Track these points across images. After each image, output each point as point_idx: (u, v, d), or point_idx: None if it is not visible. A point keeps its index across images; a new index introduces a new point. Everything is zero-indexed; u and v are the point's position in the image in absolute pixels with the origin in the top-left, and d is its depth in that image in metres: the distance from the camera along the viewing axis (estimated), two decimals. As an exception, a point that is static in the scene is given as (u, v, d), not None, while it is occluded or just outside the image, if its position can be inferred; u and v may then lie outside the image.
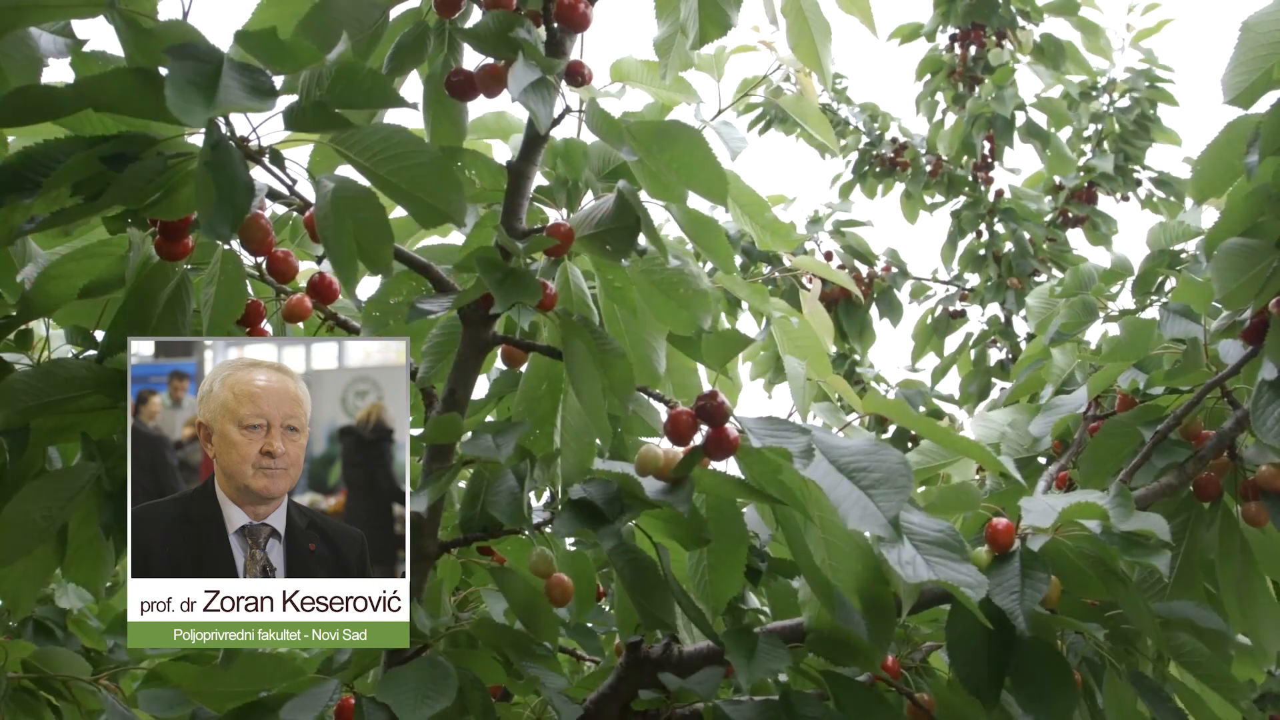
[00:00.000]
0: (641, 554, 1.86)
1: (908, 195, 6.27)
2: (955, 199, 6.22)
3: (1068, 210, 6.01)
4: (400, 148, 1.57)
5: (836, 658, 1.88)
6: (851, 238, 4.84)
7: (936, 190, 6.29)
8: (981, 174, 6.18)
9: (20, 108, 1.43)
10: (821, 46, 2.12)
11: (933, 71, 6.36)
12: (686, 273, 1.92)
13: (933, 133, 6.33)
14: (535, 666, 1.95)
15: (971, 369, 5.44)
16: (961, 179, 6.20)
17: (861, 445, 1.72)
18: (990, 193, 6.15)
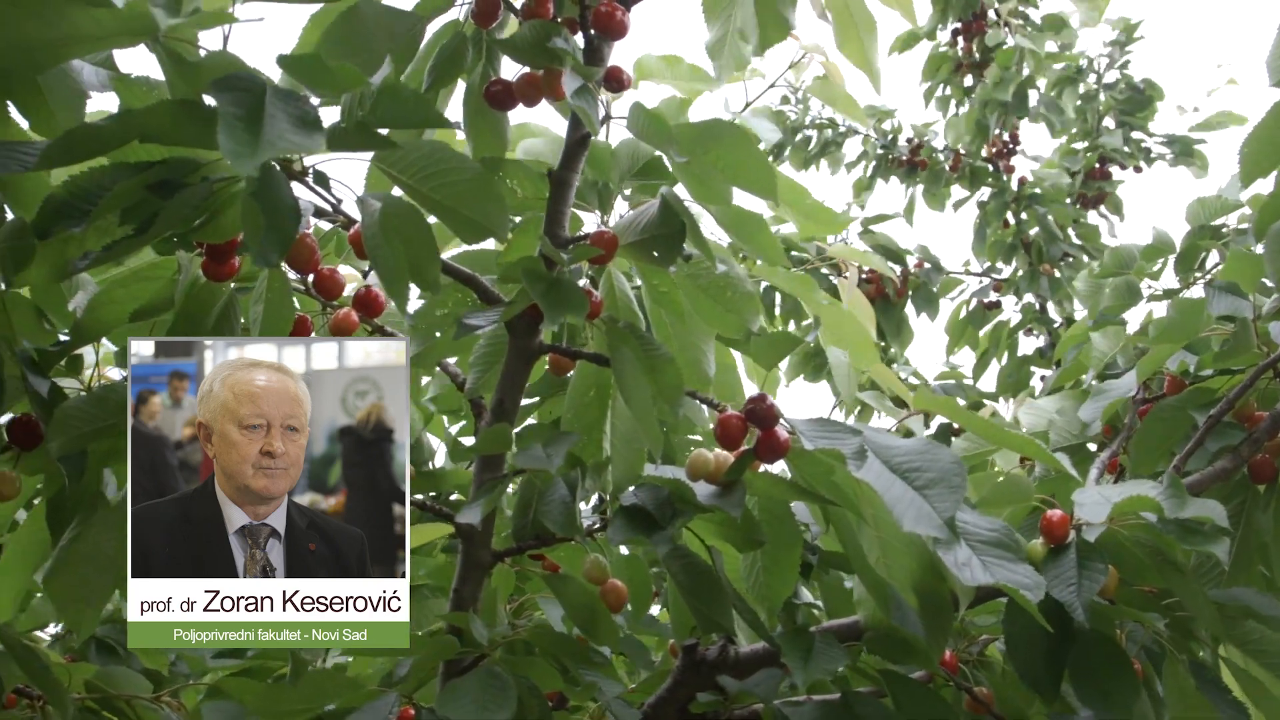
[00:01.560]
0: (695, 557, 1.86)
1: (930, 193, 6.25)
2: (979, 191, 6.20)
3: (1084, 192, 5.98)
4: (442, 164, 1.57)
5: (893, 656, 1.87)
6: (881, 237, 4.81)
7: (959, 184, 6.27)
8: (1003, 163, 6.15)
9: (68, 149, 1.43)
10: (868, 42, 2.11)
11: (937, 68, 6.34)
12: (732, 276, 1.92)
13: (948, 126, 6.31)
14: (593, 673, 1.95)
15: (1009, 359, 5.41)
16: (983, 170, 6.17)
17: (914, 445, 1.71)
18: (1013, 181, 6.12)
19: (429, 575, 2.28)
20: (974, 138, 6.01)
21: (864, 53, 2.12)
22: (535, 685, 1.87)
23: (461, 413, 2.76)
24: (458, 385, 2.11)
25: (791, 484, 1.79)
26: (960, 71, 6.32)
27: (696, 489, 1.77)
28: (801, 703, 1.86)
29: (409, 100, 1.49)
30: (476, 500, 1.85)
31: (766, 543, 1.86)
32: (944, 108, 6.39)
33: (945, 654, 1.97)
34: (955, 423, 2.37)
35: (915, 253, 5.25)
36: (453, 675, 1.88)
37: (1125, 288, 2.67)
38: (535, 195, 1.97)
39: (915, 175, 6.31)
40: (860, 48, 2.12)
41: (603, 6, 1.82)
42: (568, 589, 1.96)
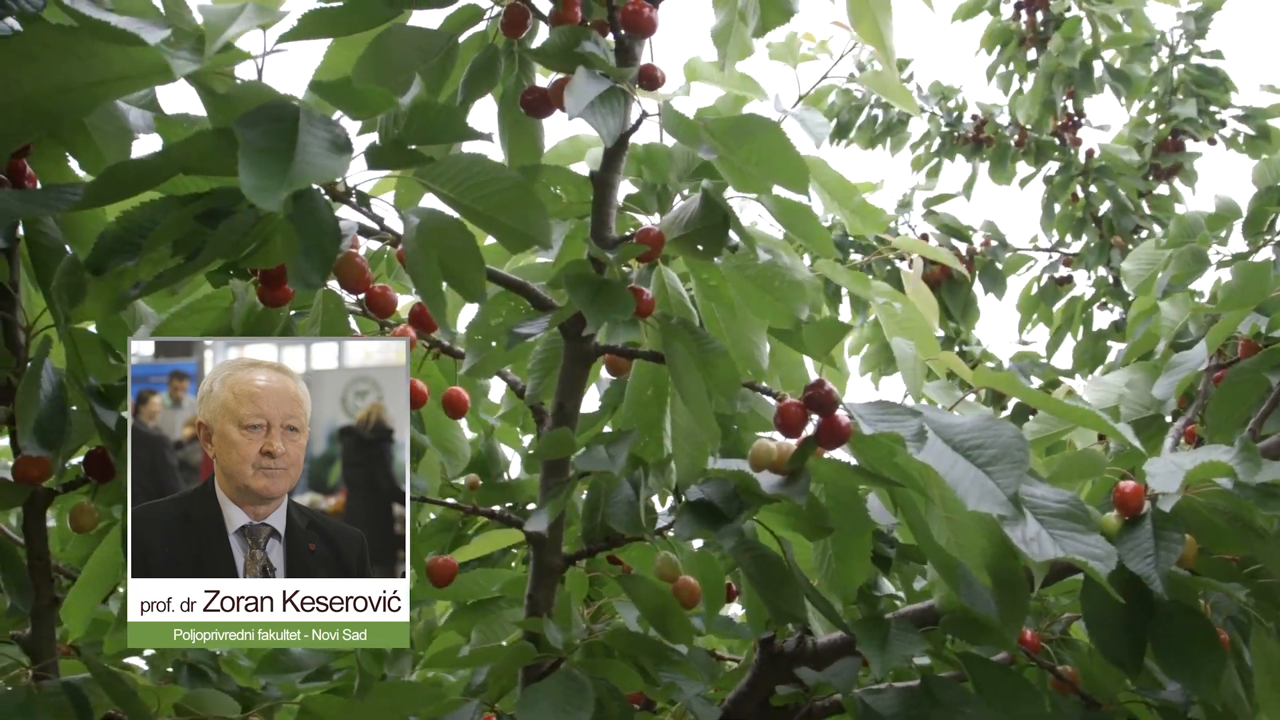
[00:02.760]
0: (765, 549, 1.85)
1: (996, 169, 6.16)
2: (1045, 165, 6.10)
3: (1158, 164, 5.85)
4: (481, 175, 1.58)
5: (971, 638, 1.85)
6: (945, 217, 4.75)
7: (1024, 160, 6.18)
8: (1069, 135, 6.05)
9: (113, 185, 1.46)
10: (883, 21, 2.09)
11: (1001, 43, 6.24)
12: (780, 265, 1.91)
13: (1013, 102, 6.22)
14: (671, 672, 1.95)
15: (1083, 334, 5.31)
16: (1049, 145, 6.08)
17: (975, 422, 1.69)
18: (1080, 154, 6.02)
19: (503, 588, 2.29)
20: (1041, 115, 5.92)
21: (879, 32, 2.10)
22: (615, 687, 1.87)
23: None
24: (518, 393, 2.12)
25: (856, 469, 1.78)
26: (1024, 45, 6.22)
27: (761, 479, 1.77)
28: (882, 690, 1.84)
29: (440, 116, 1.50)
30: (542, 507, 1.86)
31: (835, 529, 1.85)
32: (1006, 84, 6.30)
33: (1026, 634, 1.95)
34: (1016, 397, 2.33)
35: (981, 230, 5.18)
36: (531, 680, 1.89)
37: (1191, 256, 2.61)
38: (580, 200, 1.98)
39: (981, 152, 6.23)
40: (875, 27, 2.10)
41: (630, 5, 1.82)
42: (640, 589, 1.96)
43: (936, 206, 4.77)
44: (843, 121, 6.22)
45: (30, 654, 1.82)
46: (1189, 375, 2.28)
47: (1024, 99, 6.11)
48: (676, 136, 1.76)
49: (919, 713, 1.75)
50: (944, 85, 6.34)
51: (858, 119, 6.18)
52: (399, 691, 1.98)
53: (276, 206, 1.23)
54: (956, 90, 6.41)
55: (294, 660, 2.62)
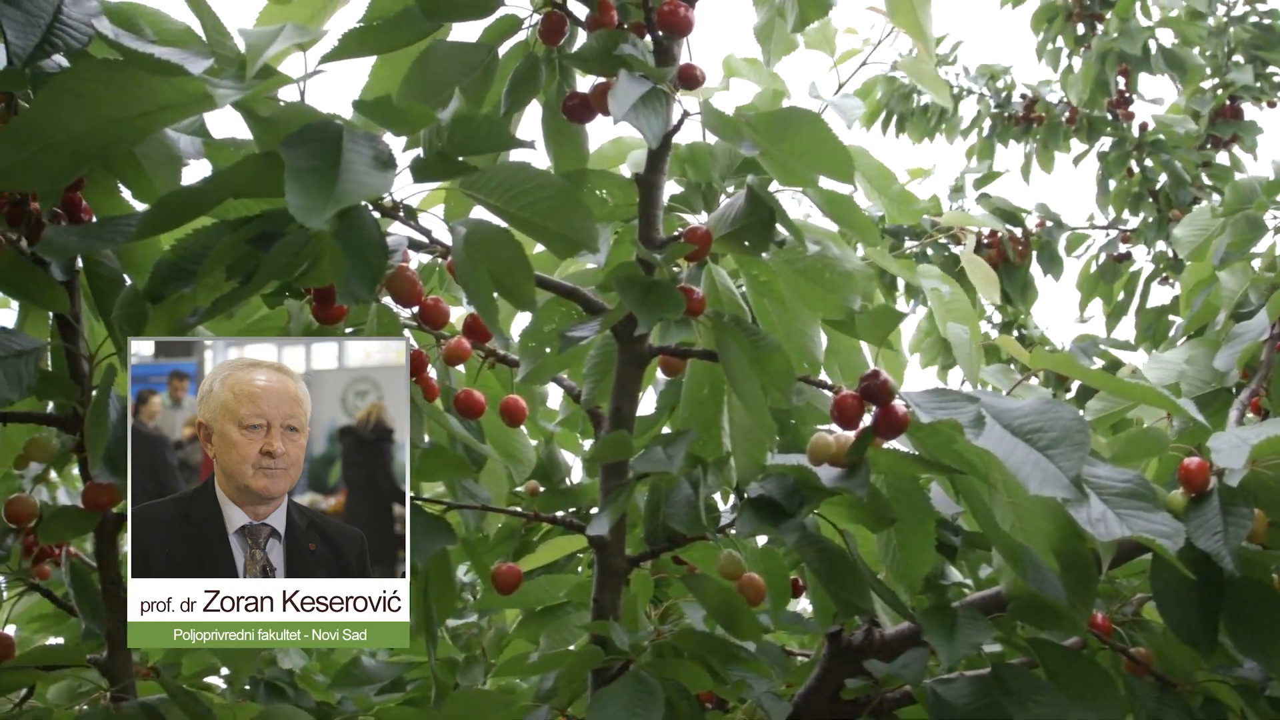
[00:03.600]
0: (828, 543, 1.85)
1: (1045, 147, 6.09)
2: (1098, 141, 6.02)
3: (1216, 133, 5.76)
4: (526, 183, 1.59)
5: (1041, 623, 1.83)
6: (998, 200, 4.71)
7: (1076, 138, 6.10)
8: (1121, 111, 5.97)
9: (166, 215, 1.49)
10: (920, 9, 2.08)
11: (1049, 19, 6.16)
12: (829, 256, 1.91)
13: (1063, 80, 6.14)
14: (740, 670, 1.95)
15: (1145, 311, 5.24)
16: (1101, 121, 5.99)
17: (1033, 406, 1.68)
18: (1134, 128, 5.93)
19: (570, 593, 2.30)
20: (1093, 94, 5.84)
21: (917, 21, 2.09)
22: (684, 687, 1.88)
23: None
24: (574, 398, 2.13)
25: (915, 458, 1.77)
26: (1071, 20, 6.14)
27: (820, 473, 1.76)
28: (953, 679, 1.83)
29: (482, 126, 1.51)
30: (603, 510, 1.87)
31: (898, 520, 1.84)
32: (1055, 61, 6.22)
33: (1096, 617, 1.93)
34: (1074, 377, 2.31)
35: (1035, 211, 5.12)
36: (601, 684, 1.90)
37: (1247, 223, 2.56)
38: (626, 202, 1.98)
39: (1032, 131, 6.16)
40: (913, 16, 2.09)
41: (665, 5, 1.83)
42: (705, 587, 1.96)
43: (988, 188, 4.73)
44: (893, 112, 6.18)
45: (108, 677, 1.85)
46: (1251, 346, 2.24)
47: (1075, 78, 6.02)
48: (718, 134, 1.77)
49: (990, 701, 1.74)
50: (992, 67, 6.28)
51: (907, 108, 6.13)
52: (472, 700, 2.00)
53: (322, 225, 1.24)
54: (1005, 71, 6.35)
55: (368, 673, 2.65)
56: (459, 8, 1.85)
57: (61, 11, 1.52)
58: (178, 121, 1.56)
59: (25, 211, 1.75)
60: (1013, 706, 1.71)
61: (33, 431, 1.95)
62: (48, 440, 1.86)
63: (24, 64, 1.47)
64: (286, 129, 1.41)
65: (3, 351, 1.59)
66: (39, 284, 1.74)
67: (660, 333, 1.97)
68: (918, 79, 2.49)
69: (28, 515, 1.80)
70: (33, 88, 1.58)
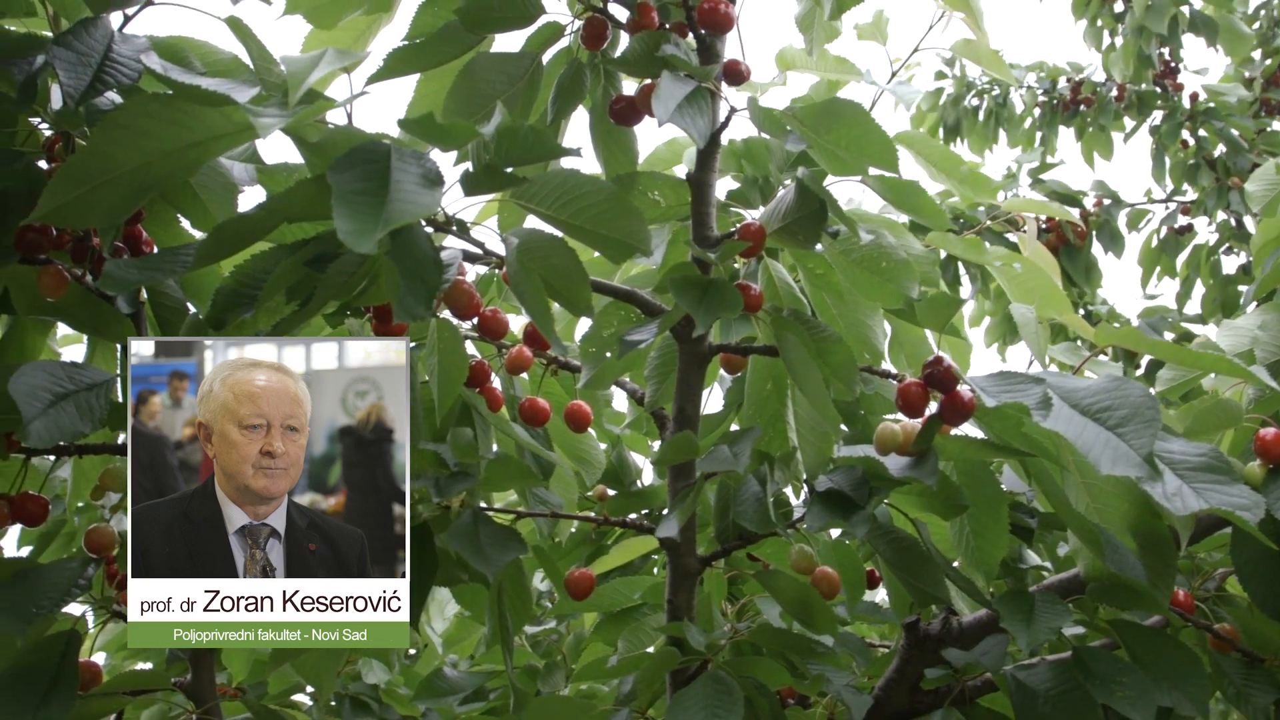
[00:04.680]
0: (900, 533, 1.84)
1: (1100, 129, 6.00)
2: (1149, 116, 5.93)
3: (1269, 97, 5.64)
4: (576, 190, 1.59)
5: (1122, 604, 1.81)
6: (1053, 184, 4.65)
7: (1127, 115, 6.00)
8: (1169, 82, 5.87)
9: (223, 242, 1.51)
10: (967, -16, 2.06)
11: (1087, 2, 6.08)
12: (884, 245, 1.89)
13: (1105, 59, 6.04)
14: (818, 664, 1.94)
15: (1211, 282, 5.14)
16: (1150, 95, 5.90)
17: (1101, 384, 1.66)
18: (1184, 99, 5.83)
19: (645, 595, 2.30)
20: (1137, 69, 5.75)
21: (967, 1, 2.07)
22: (763, 684, 1.87)
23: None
24: (638, 401, 2.13)
25: (984, 443, 1.76)
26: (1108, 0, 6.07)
27: (888, 463, 1.75)
28: (1034, 665, 1.81)
29: (527, 137, 1.51)
30: (672, 511, 1.87)
31: (970, 506, 1.82)
32: (1097, 40, 6.14)
33: (1178, 594, 1.90)
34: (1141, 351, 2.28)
35: (1092, 191, 5.05)
36: (680, 685, 1.90)
37: (1319, 176, 2.50)
38: (678, 202, 1.98)
39: (1081, 115, 6.07)
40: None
41: (706, 4, 1.82)
42: (779, 583, 1.95)
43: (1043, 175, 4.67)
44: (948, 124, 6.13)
45: (193, 699, 1.88)
46: (1328, 302, 2.19)
47: (1117, 55, 5.95)
48: (763, 130, 1.76)
49: (1073, 685, 1.72)
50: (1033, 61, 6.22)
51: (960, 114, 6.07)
52: (552, 706, 2.01)
53: (372, 249, 1.25)
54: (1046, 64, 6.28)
55: (451, 683, 2.67)
56: (500, 19, 1.86)
57: (111, 49, 1.55)
58: (230, 150, 1.58)
59: (88, 247, 1.78)
60: (1096, 690, 1.69)
61: (107, 462, 1.98)
62: (121, 470, 1.90)
63: (78, 103, 1.50)
64: (335, 152, 1.42)
65: (74, 386, 1.62)
66: (105, 317, 1.78)
67: (720, 330, 1.97)
68: (975, 59, 2.46)
69: (108, 544, 1.83)
70: (88, 125, 1.61)
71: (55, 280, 1.72)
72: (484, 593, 2.03)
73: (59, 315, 1.81)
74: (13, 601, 1.64)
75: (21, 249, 1.72)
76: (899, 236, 2.03)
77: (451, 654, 3.20)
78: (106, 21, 1.61)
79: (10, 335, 1.93)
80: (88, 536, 1.84)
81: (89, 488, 2.04)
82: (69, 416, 1.58)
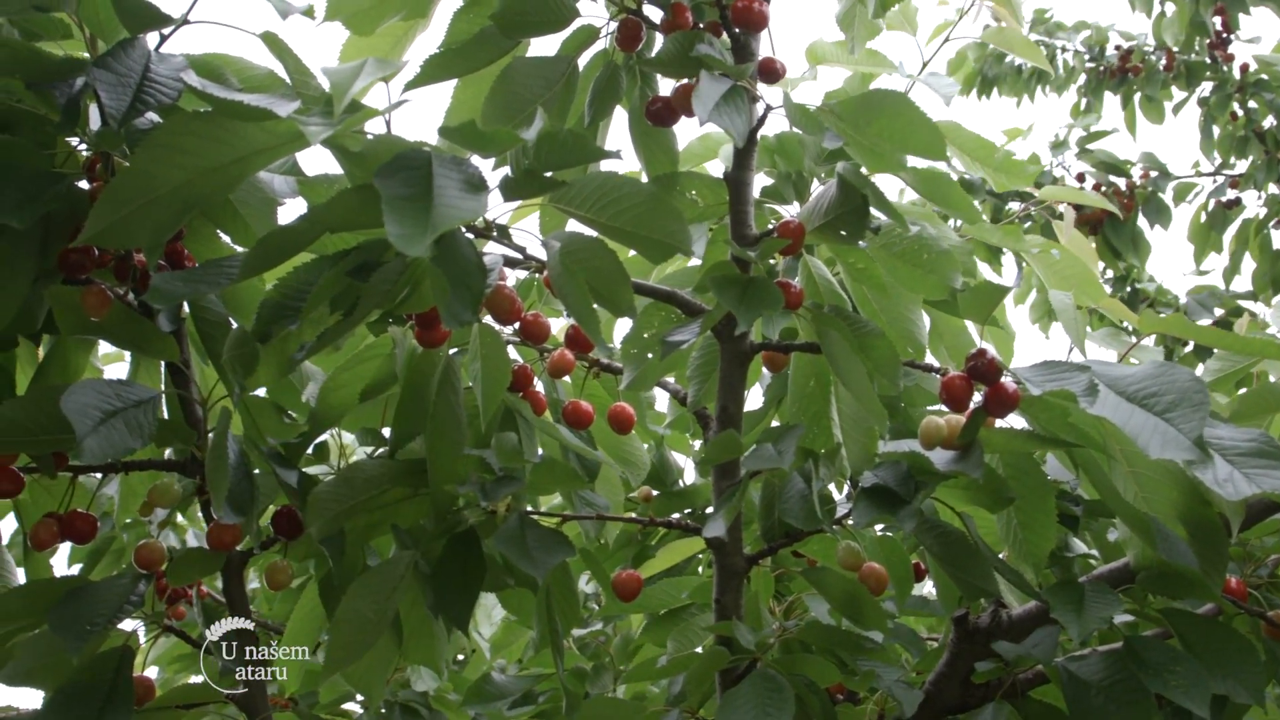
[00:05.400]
0: (947, 527, 1.83)
1: (1148, 99, 5.93)
2: (1198, 87, 5.86)
3: None
4: (615, 191, 1.59)
5: (1173, 592, 1.80)
6: (1101, 154, 4.59)
7: (1175, 85, 5.94)
8: (1220, 52, 5.80)
9: (266, 255, 1.52)
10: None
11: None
12: (926, 237, 1.88)
13: (1156, 26, 5.97)
14: (868, 660, 1.94)
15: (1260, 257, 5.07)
16: (1200, 65, 5.83)
17: (1147, 370, 1.64)
18: (1234, 70, 5.76)
19: (692, 595, 2.30)
20: (1189, 36, 5.67)
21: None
22: (813, 682, 1.87)
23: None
24: (680, 401, 2.13)
25: (1030, 434, 1.74)
26: (1163, -36, 5.99)
27: (933, 457, 1.75)
28: (1085, 656, 1.80)
29: (567, 141, 1.52)
30: (718, 511, 1.87)
31: (1016, 498, 1.81)
32: (1147, 6, 6.06)
33: (1230, 581, 1.88)
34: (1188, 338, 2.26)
35: (1139, 163, 4.99)
36: (729, 684, 1.90)
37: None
38: (716, 201, 1.98)
39: (1129, 83, 6.00)
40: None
41: (739, 2, 1.82)
42: (827, 580, 1.95)
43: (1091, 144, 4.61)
44: (988, 77, 6.06)
45: (246, 711, 1.89)
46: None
47: (1170, 21, 5.86)
48: (799, 128, 1.76)
49: (1125, 675, 1.71)
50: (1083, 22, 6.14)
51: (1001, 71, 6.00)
52: (603, 707, 2.01)
53: (424, 252, 1.26)
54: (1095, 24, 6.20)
55: (500, 688, 2.67)
56: (535, 23, 1.86)
57: (150, 69, 1.56)
58: (271, 164, 1.59)
59: (131, 266, 1.80)
60: (1149, 679, 1.68)
61: (155, 478, 2.00)
62: (169, 485, 1.91)
63: (119, 124, 1.51)
64: (377, 161, 1.43)
65: (122, 403, 1.63)
66: (148, 335, 1.79)
67: (761, 328, 1.96)
68: (1008, 47, 2.45)
69: (157, 560, 1.84)
70: (128, 146, 1.62)
71: (99, 300, 1.73)
72: (530, 597, 2.03)
73: (102, 334, 1.82)
74: (66, 619, 1.66)
75: (65, 270, 1.73)
76: (936, 227, 2.02)
77: (499, 659, 3.21)
78: (143, 42, 1.62)
79: (53, 354, 1.95)
80: (137, 552, 1.85)
81: (137, 504, 2.06)
82: (119, 433, 1.59)
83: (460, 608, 1.78)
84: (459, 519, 1.86)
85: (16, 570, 2.09)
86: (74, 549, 2.88)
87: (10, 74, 1.61)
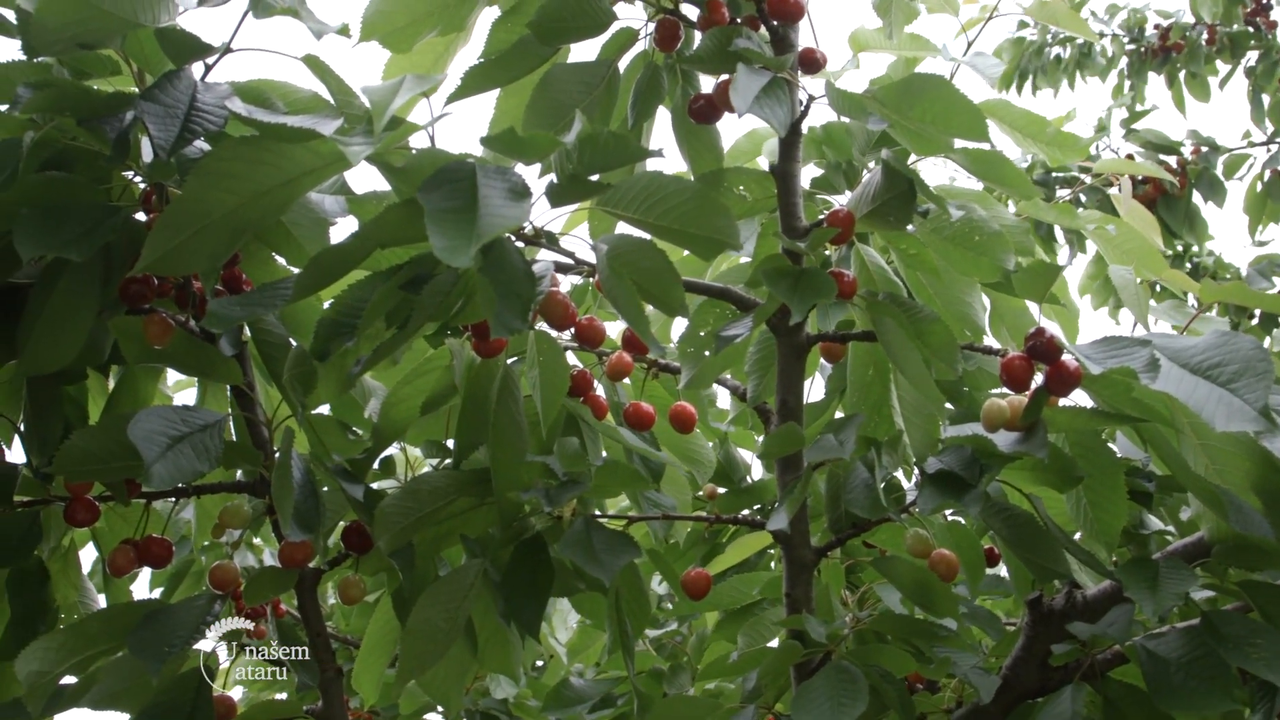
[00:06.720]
0: (1015, 509, 1.81)
1: (1192, 76, 5.83)
2: (1244, 58, 5.75)
3: None
4: (661, 191, 1.59)
5: (1250, 565, 1.77)
6: (1147, 133, 4.53)
7: (1220, 59, 5.83)
8: (1262, 20, 5.69)
9: (320, 274, 1.53)
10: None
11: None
12: (975, 219, 1.87)
13: (1192, 1, 5.87)
14: (944, 648, 1.92)
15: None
16: (1243, 35, 5.72)
17: (1209, 341, 1.62)
18: (1279, 36, 5.65)
19: (763, 590, 2.30)
20: (1227, 8, 5.58)
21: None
22: (888, 672, 1.86)
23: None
24: (740, 397, 2.13)
25: (1093, 411, 1.73)
26: (1197, -65, 5.90)
27: (997, 440, 1.73)
28: (1164, 633, 1.77)
29: (608, 142, 1.52)
30: (781, 504, 1.86)
31: (1085, 477, 1.79)
32: (1185, -18, 5.98)
33: (1309, 550, 1.85)
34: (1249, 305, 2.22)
35: (1188, 140, 4.92)
36: (803, 677, 1.89)
37: None
38: (765, 195, 1.98)
39: (1172, 61, 5.92)
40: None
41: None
42: (896, 569, 1.94)
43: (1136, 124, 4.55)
44: (1026, 71, 6.01)
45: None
46: None
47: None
48: (843, 114, 1.75)
49: (1205, 651, 1.68)
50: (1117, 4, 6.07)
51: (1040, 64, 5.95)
52: (678, 706, 2.02)
53: (468, 262, 1.27)
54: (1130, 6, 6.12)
55: (578, 693, 2.68)
56: (574, 29, 1.87)
57: (196, 99, 1.59)
58: (319, 184, 1.61)
59: (189, 293, 1.83)
60: (1229, 654, 1.65)
61: (226, 500, 2.03)
62: (240, 507, 1.94)
63: (168, 154, 1.53)
64: (420, 175, 1.44)
65: (188, 428, 1.66)
66: (212, 360, 1.81)
67: (817, 319, 1.96)
68: (1053, 22, 2.42)
69: (231, 580, 1.87)
70: (180, 175, 1.65)
71: (161, 328, 1.76)
72: (603, 600, 2.04)
73: (167, 361, 1.85)
74: (146, 642, 1.69)
75: (126, 300, 1.77)
76: (988, 208, 2.01)
77: (577, 663, 3.22)
78: (189, 72, 1.65)
79: (123, 384, 1.98)
80: (212, 574, 1.88)
81: (212, 526, 2.09)
82: (186, 458, 1.62)
83: (530, 613, 1.79)
84: (525, 525, 1.87)
85: (98, 597, 2.13)
86: (155, 574, 2.93)
87: (61, 112, 1.64)
